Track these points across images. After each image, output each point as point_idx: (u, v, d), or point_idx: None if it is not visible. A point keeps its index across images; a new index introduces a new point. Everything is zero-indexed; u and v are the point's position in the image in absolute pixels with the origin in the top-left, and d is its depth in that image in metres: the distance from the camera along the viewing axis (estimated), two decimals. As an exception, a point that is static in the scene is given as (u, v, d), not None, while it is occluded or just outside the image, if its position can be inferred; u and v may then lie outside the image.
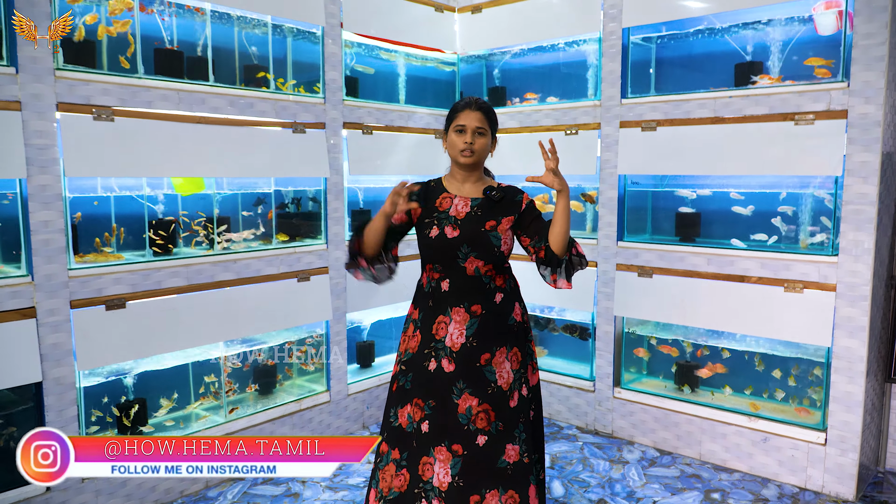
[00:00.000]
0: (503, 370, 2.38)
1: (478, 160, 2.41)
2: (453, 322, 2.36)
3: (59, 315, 2.89)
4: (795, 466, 3.37)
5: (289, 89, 3.78)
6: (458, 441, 2.33)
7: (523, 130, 4.37)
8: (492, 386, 2.35)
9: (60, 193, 2.86)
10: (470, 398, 2.33)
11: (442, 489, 2.33)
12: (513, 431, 2.38)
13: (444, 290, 2.38)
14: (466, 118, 2.39)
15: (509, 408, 2.37)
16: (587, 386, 4.15)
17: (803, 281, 3.33)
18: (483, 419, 2.33)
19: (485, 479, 2.33)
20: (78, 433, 2.95)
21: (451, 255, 2.36)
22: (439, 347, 2.36)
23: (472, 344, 2.34)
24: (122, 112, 3.03)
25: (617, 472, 3.53)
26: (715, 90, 3.62)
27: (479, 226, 2.36)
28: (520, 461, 2.37)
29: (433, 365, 2.37)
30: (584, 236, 4.19)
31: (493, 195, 2.41)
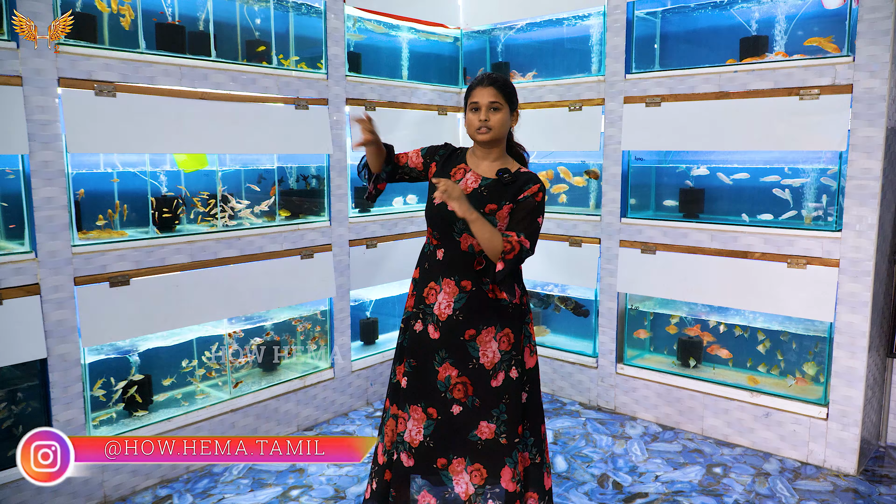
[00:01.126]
0: (488, 349, 2.35)
1: (496, 137, 2.34)
2: (443, 292, 2.35)
3: (63, 292, 2.89)
4: (797, 441, 3.40)
5: (291, 65, 3.75)
6: (434, 405, 2.37)
7: (527, 107, 4.34)
8: (473, 362, 2.34)
9: (63, 170, 2.85)
10: (450, 368, 2.35)
11: (413, 445, 2.38)
12: (490, 410, 2.35)
13: (438, 259, 2.38)
14: (479, 95, 2.33)
15: (490, 387, 2.35)
16: (590, 362, 4.17)
17: (806, 256, 3.33)
18: (460, 390, 2.35)
19: (454, 445, 2.37)
20: (83, 410, 2.97)
21: (448, 226, 2.35)
22: (427, 312, 2.38)
23: (457, 318, 2.33)
24: (125, 87, 3.02)
25: (619, 448, 3.55)
26: (720, 65, 3.59)
27: (479, 206, 2.29)
28: (494, 440, 2.35)
29: (419, 326, 2.40)
30: (586, 213, 4.19)
31: (504, 178, 2.34)
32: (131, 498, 3.08)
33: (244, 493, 3.12)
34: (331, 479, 3.23)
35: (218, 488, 3.15)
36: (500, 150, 2.42)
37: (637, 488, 3.12)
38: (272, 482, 3.21)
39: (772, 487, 3.13)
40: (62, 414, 2.91)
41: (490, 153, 2.40)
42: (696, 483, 3.17)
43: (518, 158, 2.50)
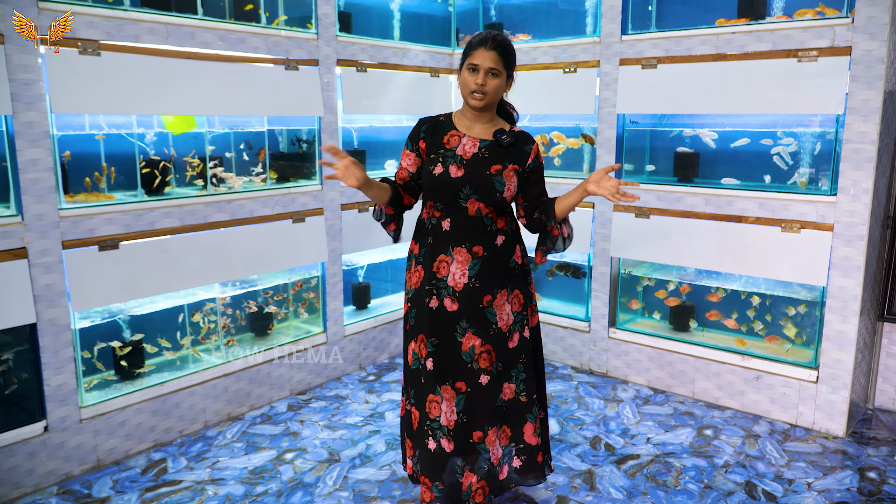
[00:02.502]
0: (504, 312, 2.39)
1: (489, 103, 2.32)
2: (455, 262, 2.34)
3: (52, 256, 2.85)
4: (787, 403, 3.43)
5: (280, 24, 3.66)
6: (461, 378, 2.38)
7: (521, 69, 4.27)
8: (493, 327, 2.37)
9: (48, 131, 2.78)
10: (473, 338, 2.36)
11: (450, 427, 2.39)
12: (510, 371, 2.44)
13: (444, 229, 2.36)
14: (480, 57, 2.26)
15: (508, 349, 2.42)
16: (582, 327, 4.18)
17: (801, 221, 3.32)
18: (486, 359, 2.38)
19: (486, 415, 2.41)
20: (74, 374, 2.95)
21: (453, 194, 2.32)
22: (441, 286, 2.36)
23: (475, 285, 2.34)
24: (109, 46, 2.93)
25: (611, 411, 3.58)
26: (717, 26, 3.53)
27: (484, 168, 2.31)
28: (515, 398, 2.45)
29: (434, 303, 2.37)
30: (580, 177, 4.15)
31: (502, 139, 2.34)
32: (125, 461, 3.08)
33: (238, 456, 3.12)
34: (325, 443, 3.24)
35: (212, 452, 3.16)
36: (492, 112, 2.41)
37: (629, 450, 3.15)
38: (266, 446, 3.22)
39: (761, 449, 3.17)
40: (53, 379, 2.90)
41: (483, 116, 2.38)
42: (687, 445, 3.20)
43: (507, 118, 2.50)
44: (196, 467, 3.04)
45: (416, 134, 2.44)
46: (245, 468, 3.02)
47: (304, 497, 2.79)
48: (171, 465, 3.05)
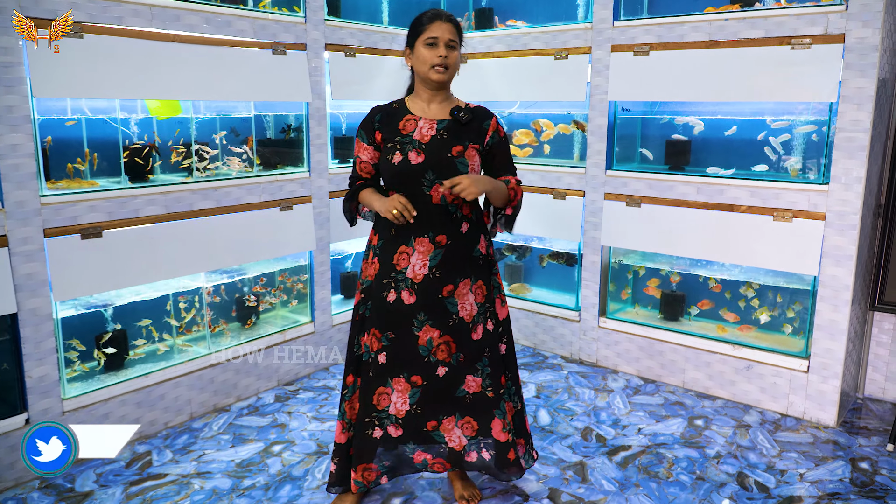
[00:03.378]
0: (466, 302, 2.33)
1: (450, 77, 2.29)
2: (416, 253, 2.27)
3: (33, 244, 2.77)
4: (777, 393, 3.43)
5: (267, 6, 3.58)
6: (417, 372, 2.32)
7: (511, 55, 4.22)
8: (453, 318, 2.31)
9: (29, 115, 2.70)
10: (431, 330, 2.29)
11: (399, 416, 2.34)
12: (475, 364, 2.36)
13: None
14: (438, 29, 2.22)
15: (472, 340, 2.35)
16: (572, 316, 4.16)
17: (793, 210, 3.30)
18: (444, 351, 2.31)
19: (442, 405, 2.36)
20: (56, 366, 2.89)
21: (415, 182, 2.24)
22: (399, 279, 2.29)
23: (434, 275, 2.27)
24: (92, 28, 2.85)
25: (602, 401, 3.56)
26: (712, 11, 3.49)
27: (444, 151, 2.24)
28: (481, 393, 2.38)
29: (392, 296, 2.30)
30: (571, 164, 4.12)
31: (460, 116, 2.28)
32: (109, 454, 3.02)
33: (225, 448, 3.08)
34: (313, 434, 3.20)
35: (198, 444, 3.11)
36: (447, 89, 2.36)
37: (620, 441, 3.14)
38: (253, 437, 3.17)
39: (753, 439, 3.16)
40: (35, 370, 2.83)
41: (438, 94, 2.33)
42: (678, 435, 3.19)
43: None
44: (182, 460, 2.98)
45: (369, 124, 2.36)
46: (232, 461, 2.97)
47: (293, 490, 2.75)
48: (156, 458, 3.00)
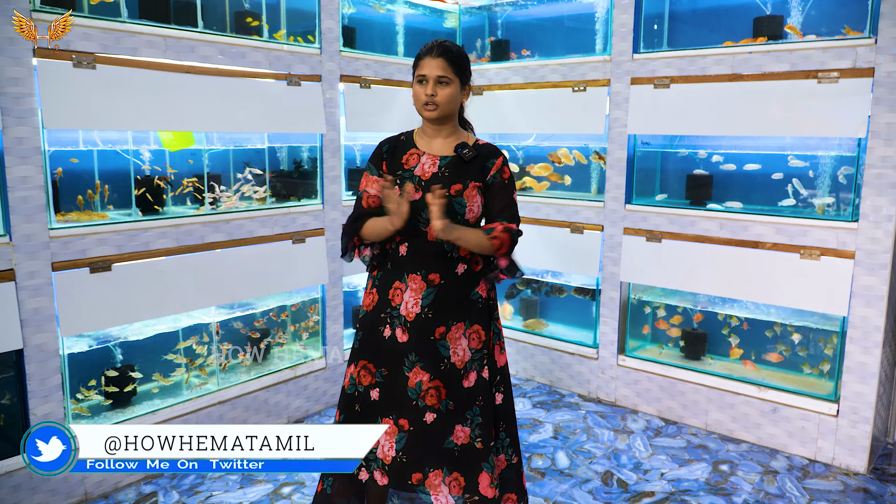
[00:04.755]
0: (459, 347, 2.19)
1: (443, 114, 2.15)
2: (409, 290, 2.16)
3: (40, 278, 2.71)
4: (805, 438, 3.30)
5: (282, 38, 3.55)
6: (405, 416, 2.18)
7: (528, 87, 4.17)
8: (444, 362, 2.17)
9: (39, 147, 2.66)
10: (421, 373, 2.16)
11: (385, 462, 2.20)
12: (464, 413, 2.20)
13: (401, 255, 2.18)
14: (427, 66, 2.12)
15: (462, 387, 2.19)
16: (590, 353, 4.04)
17: (820, 248, 3.20)
18: (433, 396, 2.17)
19: (429, 457, 2.19)
20: (62, 403, 2.80)
21: (411, 218, 2.11)
22: (394, 315, 2.18)
23: (427, 315, 2.15)
24: (105, 59, 2.81)
25: (622, 443, 3.44)
26: (733, 45, 3.43)
27: (445, 188, 2.13)
28: (469, 444, 2.20)
29: (388, 332, 2.19)
30: (588, 198, 4.04)
31: (464, 153, 2.16)
32: (114, 495, 2.93)
33: (233, 490, 2.97)
34: (324, 475, 3.09)
35: (206, 485, 3.01)
36: (453, 124, 2.23)
37: (643, 486, 3.01)
38: (263, 479, 3.07)
39: (781, 486, 3.03)
40: (40, 408, 2.75)
41: (442, 129, 2.21)
42: (704, 481, 3.06)
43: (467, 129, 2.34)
44: (188, 502, 2.88)
45: (378, 156, 2.27)
46: (240, 503, 2.87)
47: (303, 536, 2.64)
48: (162, 500, 2.89)
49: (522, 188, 4.37)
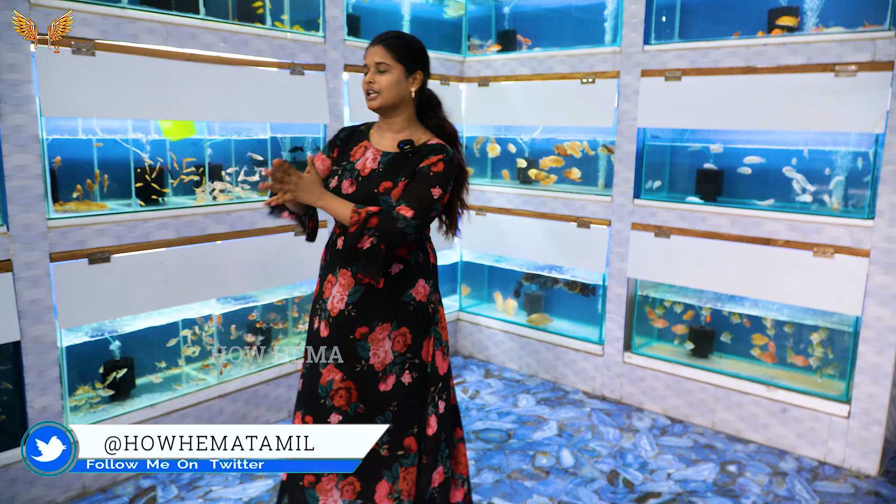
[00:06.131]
0: (380, 348, 2.08)
1: (385, 103, 2.03)
2: (338, 285, 2.07)
3: (38, 269, 2.66)
4: (815, 439, 3.24)
5: (286, 26, 3.48)
6: (311, 413, 2.10)
7: (536, 78, 4.10)
8: (362, 363, 2.07)
9: (37, 135, 2.60)
10: (334, 371, 2.07)
11: None
12: (375, 417, 2.09)
13: (337, 248, 2.10)
14: (367, 55, 2.05)
15: (377, 391, 2.09)
16: (595, 350, 3.99)
17: (834, 245, 3.14)
18: (342, 397, 2.07)
19: None
20: (60, 396, 2.76)
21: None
22: (323, 308, 2.11)
23: (349, 313, 2.06)
24: (104, 46, 2.75)
25: (628, 441, 3.38)
26: (747, 37, 3.35)
27: (373, 187, 2.03)
28: (373, 450, 2.03)
29: (316, 323, 2.14)
30: (596, 192, 3.97)
31: (405, 149, 2.04)
32: (112, 489, 2.89)
33: (233, 485, 2.93)
34: (325, 472, 3.04)
35: (205, 480, 2.96)
36: (404, 118, 2.10)
37: (649, 487, 2.96)
38: (262, 474, 3.02)
39: (790, 488, 2.97)
40: (37, 400, 2.70)
41: (393, 123, 2.09)
42: (711, 482, 3.01)
43: (436, 130, 2.16)
44: (187, 497, 2.84)
45: (333, 140, 2.21)
46: (240, 499, 2.82)
47: (303, 534, 2.59)
48: (160, 494, 2.85)
49: (527, 182, 4.31)
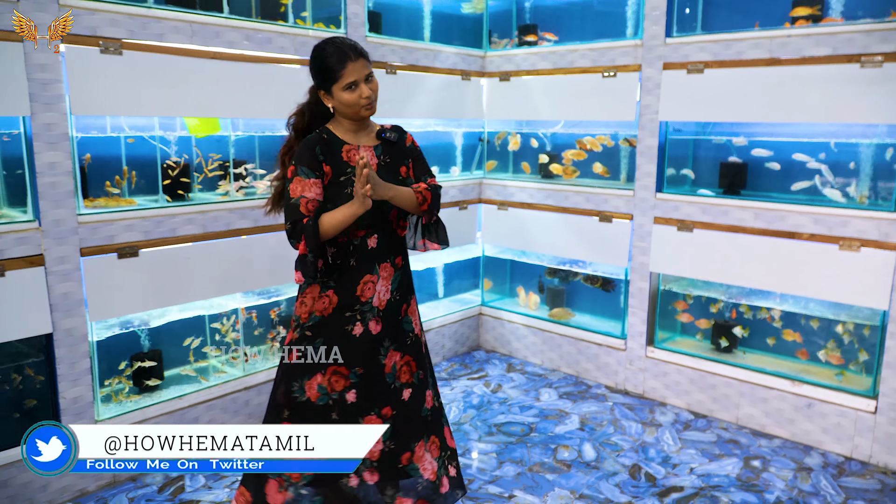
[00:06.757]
0: (416, 318, 2.32)
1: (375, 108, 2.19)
2: (381, 279, 2.17)
3: (69, 263, 2.73)
4: (841, 434, 3.21)
5: (307, 23, 3.52)
6: (387, 403, 2.20)
7: (557, 72, 4.09)
8: (410, 336, 2.28)
9: (67, 133, 2.67)
10: (394, 354, 2.22)
11: (373, 459, 2.17)
12: (427, 377, 2.34)
13: (371, 248, 2.15)
14: (354, 71, 2.06)
15: (423, 354, 2.33)
16: (618, 344, 3.98)
17: (860, 239, 3.10)
18: (406, 372, 2.25)
19: (412, 432, 2.25)
20: (91, 387, 2.83)
21: (377, 210, 2.11)
22: (366, 309, 2.15)
23: (395, 298, 2.23)
24: (131, 45, 2.81)
25: (650, 436, 3.38)
26: (771, 28, 3.32)
27: (395, 175, 2.20)
28: (434, 405, 2.35)
29: (359, 329, 2.14)
30: (617, 187, 3.96)
31: (389, 137, 2.22)
32: (141, 478, 2.95)
33: (258, 476, 2.98)
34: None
35: (231, 470, 3.02)
36: None
37: (671, 481, 2.96)
38: (287, 465, 3.07)
39: (815, 484, 2.95)
40: (69, 391, 2.78)
41: (365, 122, 2.22)
42: (734, 477, 2.99)
43: None
44: (214, 486, 2.90)
45: (312, 159, 2.10)
46: (265, 489, 2.87)
47: (327, 524, 2.63)
48: (188, 484, 2.92)
49: (549, 177, 4.31)
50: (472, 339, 4.65)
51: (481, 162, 4.66)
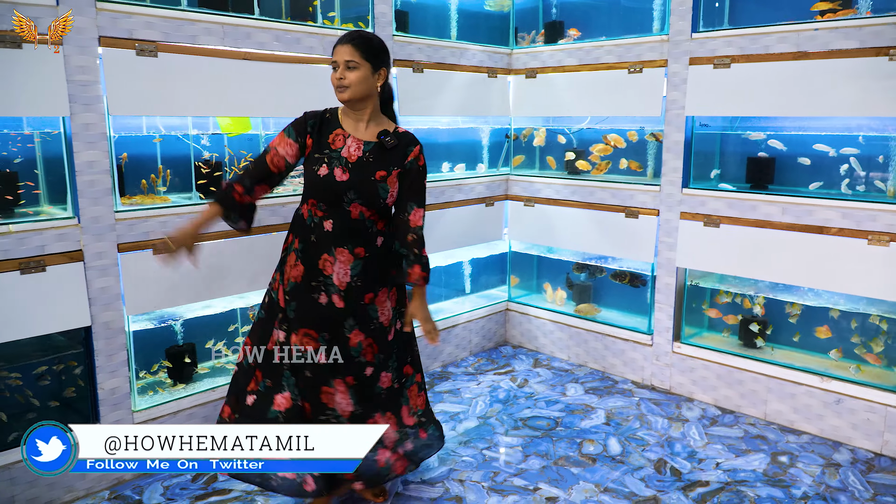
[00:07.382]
0: (385, 308, 2.50)
1: (354, 96, 2.31)
2: (338, 262, 2.37)
3: (107, 258, 2.82)
4: (871, 430, 3.18)
5: (336, 23, 3.58)
6: (350, 373, 2.46)
7: (583, 68, 4.10)
8: (374, 322, 2.47)
9: (105, 132, 2.76)
10: (359, 334, 2.45)
11: (345, 417, 2.48)
12: (388, 362, 2.54)
13: (326, 230, 2.37)
14: (337, 53, 2.31)
15: (387, 341, 2.53)
16: (645, 340, 3.98)
17: (890, 233, 3.06)
18: (369, 352, 2.48)
19: (372, 404, 2.53)
20: (128, 378, 2.93)
21: (336, 197, 2.33)
22: (329, 283, 2.40)
23: (356, 283, 2.40)
24: (166, 47, 2.89)
25: (676, 431, 3.38)
26: (799, 22, 3.29)
27: (369, 174, 2.33)
28: (391, 387, 2.57)
29: (324, 298, 2.41)
30: (644, 182, 3.95)
31: (386, 141, 2.35)
32: (175, 468, 3.04)
33: (288, 466, 3.05)
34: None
35: (262, 461, 3.09)
36: (372, 109, 2.40)
37: (697, 475, 2.96)
38: (316, 456, 3.13)
39: (843, 480, 2.93)
40: (107, 382, 2.87)
41: (363, 113, 2.38)
42: (761, 472, 2.99)
43: (392, 118, 2.53)
44: (244, 477, 2.97)
45: (302, 126, 2.42)
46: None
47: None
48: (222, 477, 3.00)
49: (575, 173, 4.32)
50: (499, 335, 4.69)
51: (508, 159, 4.68)
